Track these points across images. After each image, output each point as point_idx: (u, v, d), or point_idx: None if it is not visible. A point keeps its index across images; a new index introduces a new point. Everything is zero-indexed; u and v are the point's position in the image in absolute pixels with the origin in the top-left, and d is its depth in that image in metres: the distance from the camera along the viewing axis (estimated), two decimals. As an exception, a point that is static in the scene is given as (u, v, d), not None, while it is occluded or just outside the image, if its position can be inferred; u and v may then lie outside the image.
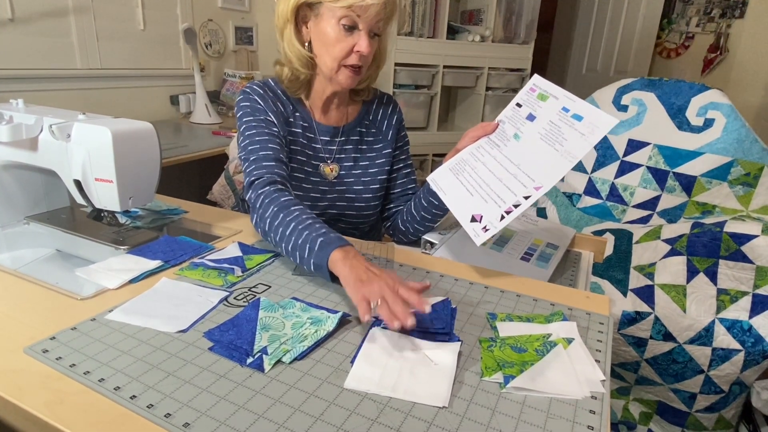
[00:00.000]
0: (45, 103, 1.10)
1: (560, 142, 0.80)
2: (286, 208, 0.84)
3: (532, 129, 0.84)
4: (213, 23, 2.53)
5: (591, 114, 0.78)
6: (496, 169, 0.87)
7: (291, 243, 0.80)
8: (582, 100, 0.81)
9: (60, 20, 1.89)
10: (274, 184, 0.90)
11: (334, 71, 0.95)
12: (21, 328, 0.64)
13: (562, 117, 0.81)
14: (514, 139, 0.86)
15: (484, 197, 0.85)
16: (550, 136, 0.81)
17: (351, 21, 0.89)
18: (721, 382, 1.39)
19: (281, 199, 0.86)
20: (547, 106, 0.83)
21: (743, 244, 1.35)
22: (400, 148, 1.14)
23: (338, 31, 0.90)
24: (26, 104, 0.95)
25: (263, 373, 0.58)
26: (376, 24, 0.91)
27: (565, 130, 0.80)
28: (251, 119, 0.98)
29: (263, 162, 0.93)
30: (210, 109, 2.35)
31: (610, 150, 1.78)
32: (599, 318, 0.75)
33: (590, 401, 0.56)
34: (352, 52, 0.92)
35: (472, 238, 0.83)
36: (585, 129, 0.77)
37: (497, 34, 2.83)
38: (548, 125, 0.82)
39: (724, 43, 3.19)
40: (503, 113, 0.91)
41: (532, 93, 0.88)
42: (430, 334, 0.67)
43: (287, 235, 0.80)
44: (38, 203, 1.03)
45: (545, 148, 0.81)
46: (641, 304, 1.44)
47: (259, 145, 0.95)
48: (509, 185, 0.83)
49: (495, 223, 0.81)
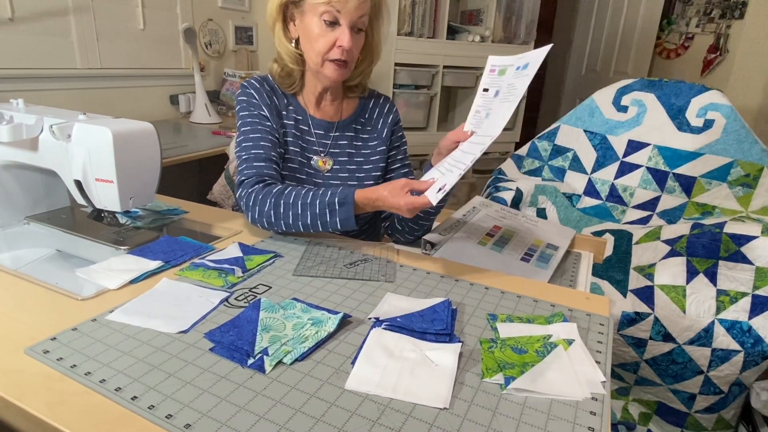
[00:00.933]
0: (45, 102, 1.10)
1: (513, 93, 0.84)
2: (281, 193, 0.91)
3: (497, 101, 0.87)
4: (213, 23, 2.53)
5: (532, 55, 0.83)
6: (467, 147, 0.88)
7: (309, 217, 0.89)
8: (530, 52, 0.85)
9: (60, 20, 1.89)
10: (262, 182, 0.95)
11: (319, 66, 0.98)
12: (22, 329, 0.64)
13: (516, 74, 0.85)
14: (486, 118, 0.88)
15: (450, 170, 0.84)
16: (507, 96, 0.85)
17: (332, 16, 0.92)
18: (721, 382, 1.39)
19: (274, 190, 0.92)
20: (507, 76, 0.87)
21: (743, 245, 1.35)
22: (397, 148, 1.15)
23: (320, 27, 0.94)
24: (26, 104, 0.95)
25: (264, 374, 0.58)
26: (358, 19, 0.94)
27: (517, 83, 0.84)
28: (246, 114, 1.03)
29: (253, 162, 0.98)
30: (210, 108, 2.35)
31: (610, 151, 1.78)
32: (599, 319, 0.75)
33: (591, 402, 0.56)
34: (334, 47, 0.95)
35: (431, 201, 0.80)
36: (528, 70, 0.82)
37: (497, 35, 2.83)
38: (507, 88, 0.86)
39: (724, 43, 3.19)
40: (475, 103, 0.93)
41: (493, 74, 0.90)
42: (430, 335, 0.67)
43: (300, 213, 0.90)
44: (38, 203, 1.03)
45: (504, 106, 0.84)
46: (641, 305, 1.44)
47: (252, 143, 1.00)
48: (470, 150, 0.85)
49: (451, 181, 0.79)
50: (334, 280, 0.83)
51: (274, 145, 1.01)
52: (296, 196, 0.90)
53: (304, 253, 0.92)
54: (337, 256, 0.92)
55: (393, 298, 0.77)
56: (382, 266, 0.89)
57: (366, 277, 0.84)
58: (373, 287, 0.81)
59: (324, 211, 0.89)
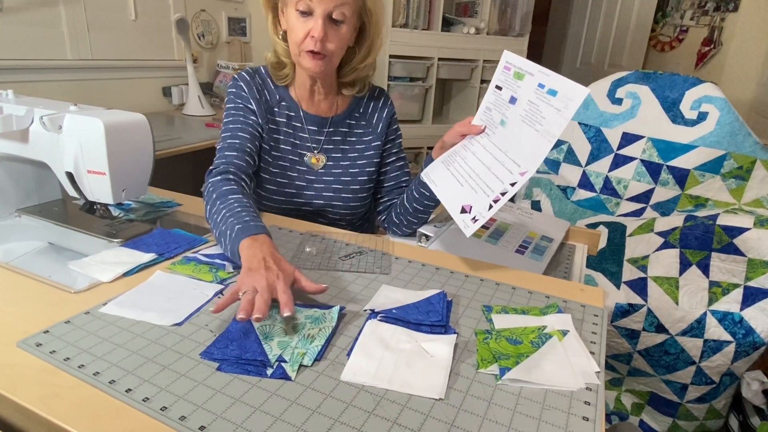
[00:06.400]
0: (35, 94, 1.08)
1: (539, 121, 0.80)
2: (223, 196, 0.86)
3: (515, 112, 0.84)
4: (206, 14, 2.50)
5: (564, 87, 0.77)
6: (485, 158, 0.87)
7: (219, 230, 0.82)
8: (555, 72, 0.80)
9: (50, 10, 1.86)
10: (225, 174, 0.93)
11: (297, 56, 0.97)
12: (14, 322, 0.64)
13: (539, 94, 0.80)
14: (501, 125, 0.87)
15: (473, 187, 0.86)
16: (530, 117, 0.81)
17: (306, 6, 0.91)
18: (712, 373, 1.40)
19: (223, 188, 0.88)
20: (524, 85, 0.83)
21: (735, 236, 1.37)
22: (392, 141, 1.14)
23: (296, 17, 0.93)
24: (16, 95, 0.93)
25: (291, 380, 0.56)
26: (334, 9, 0.91)
27: (542, 108, 0.80)
28: (232, 107, 1.03)
29: (226, 152, 0.97)
30: (203, 100, 2.33)
31: (605, 143, 1.78)
32: (594, 310, 0.75)
33: (585, 392, 0.57)
34: (307, 37, 0.93)
35: (462, 229, 0.84)
36: (560, 104, 0.77)
37: (492, 27, 2.82)
38: (528, 105, 0.82)
39: (718, 36, 3.20)
40: (486, 99, 0.91)
41: (508, 72, 0.87)
42: (426, 326, 0.67)
43: (218, 222, 0.82)
44: (30, 196, 1.02)
45: (527, 130, 0.82)
46: (634, 297, 1.45)
47: (230, 133, 0.99)
48: (497, 173, 0.84)
49: (483, 213, 0.82)
50: (329, 272, 0.82)
51: (253, 138, 1.00)
52: (226, 206, 0.82)
53: (298, 246, 0.92)
54: (333, 248, 0.91)
55: (388, 290, 0.77)
56: (378, 258, 0.89)
57: (361, 269, 0.84)
58: (369, 279, 0.81)
59: (226, 231, 0.79)
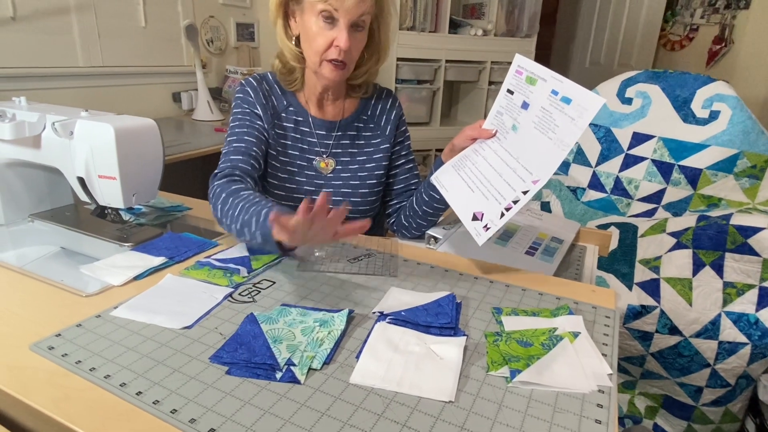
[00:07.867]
0: (47, 101, 1.10)
1: (553, 129, 0.78)
2: (234, 193, 0.85)
3: (527, 118, 0.83)
4: (214, 20, 2.53)
5: (579, 95, 0.76)
6: (496, 164, 0.86)
7: (240, 221, 0.80)
8: (568, 79, 0.78)
9: (61, 18, 1.89)
10: (230, 176, 0.92)
11: (317, 65, 0.95)
12: (27, 325, 0.64)
13: (553, 101, 0.79)
14: (513, 131, 0.85)
15: (484, 194, 0.84)
16: (543, 124, 0.80)
17: (330, 14, 0.89)
18: (728, 375, 1.38)
19: (231, 187, 0.87)
20: (537, 91, 0.82)
21: (750, 236, 1.34)
22: (401, 144, 1.13)
23: (319, 25, 0.90)
24: (29, 102, 0.94)
25: (301, 384, 0.56)
26: (358, 17, 0.90)
27: (556, 116, 0.78)
28: (239, 111, 1.03)
29: (231, 156, 0.96)
30: (212, 105, 2.34)
31: (615, 143, 1.77)
32: (605, 312, 0.74)
33: (597, 395, 0.56)
34: (332, 46, 0.91)
35: (473, 237, 0.82)
36: (574, 113, 0.76)
37: (500, 28, 2.81)
38: (540, 112, 0.81)
39: (729, 34, 3.16)
40: (498, 103, 0.90)
41: (520, 76, 0.86)
42: (435, 328, 0.67)
43: (235, 216, 0.81)
44: (42, 201, 1.03)
45: (540, 137, 0.80)
46: (647, 298, 1.43)
47: (235, 137, 0.99)
48: (509, 180, 0.82)
49: (495, 221, 0.80)
50: (338, 274, 0.82)
51: (259, 142, 0.99)
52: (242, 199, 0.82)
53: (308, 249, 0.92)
54: (341, 250, 0.91)
55: (397, 292, 0.77)
56: (386, 260, 0.88)
57: (370, 271, 0.84)
58: (378, 281, 0.81)
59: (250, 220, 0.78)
